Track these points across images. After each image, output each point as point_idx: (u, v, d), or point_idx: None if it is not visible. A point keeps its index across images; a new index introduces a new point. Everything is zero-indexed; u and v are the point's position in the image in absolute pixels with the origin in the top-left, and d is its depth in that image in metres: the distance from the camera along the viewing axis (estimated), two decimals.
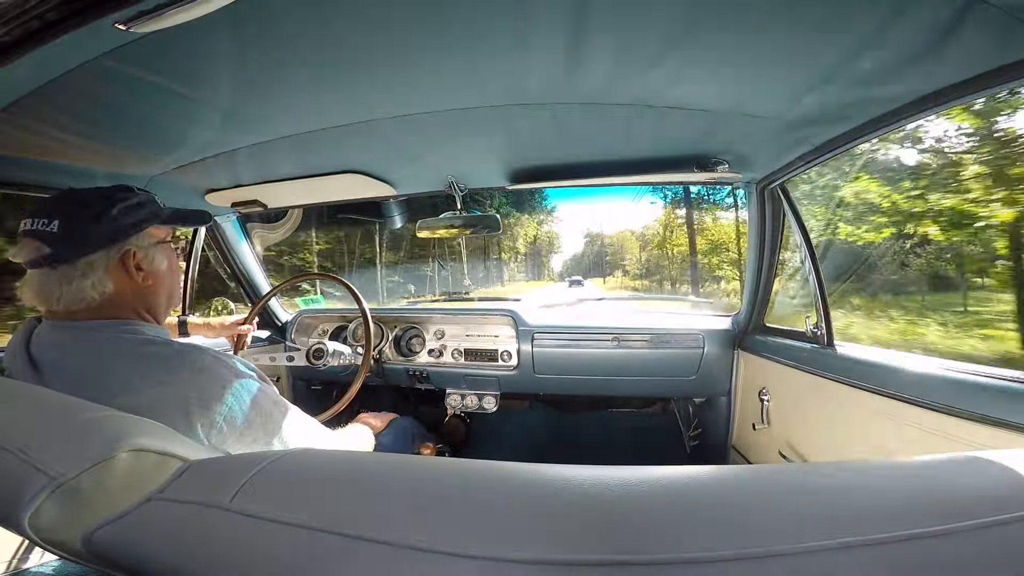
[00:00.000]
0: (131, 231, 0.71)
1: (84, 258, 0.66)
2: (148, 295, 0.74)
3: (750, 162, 1.24)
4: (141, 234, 0.72)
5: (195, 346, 0.69)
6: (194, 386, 0.64)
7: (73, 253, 0.66)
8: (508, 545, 0.25)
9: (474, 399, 1.83)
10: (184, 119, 0.94)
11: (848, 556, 0.24)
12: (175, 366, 0.64)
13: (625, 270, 9.92)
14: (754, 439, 1.52)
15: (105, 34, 0.58)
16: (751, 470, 0.32)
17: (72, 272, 0.66)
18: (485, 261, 9.54)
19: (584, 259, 10.54)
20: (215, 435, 0.64)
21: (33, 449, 0.40)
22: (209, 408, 0.63)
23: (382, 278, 8.17)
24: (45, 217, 0.65)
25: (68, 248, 0.66)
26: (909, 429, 0.87)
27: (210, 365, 0.66)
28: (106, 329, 0.68)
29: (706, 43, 0.71)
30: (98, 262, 0.68)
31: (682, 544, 0.25)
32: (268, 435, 0.70)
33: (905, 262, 2.48)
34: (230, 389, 0.66)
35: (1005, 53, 0.65)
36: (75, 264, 0.66)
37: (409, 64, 0.78)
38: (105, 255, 0.68)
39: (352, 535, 0.27)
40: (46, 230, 0.65)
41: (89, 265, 0.67)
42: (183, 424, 0.61)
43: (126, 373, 0.63)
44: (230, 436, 0.65)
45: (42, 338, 0.67)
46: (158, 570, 0.30)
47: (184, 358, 0.66)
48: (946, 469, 0.31)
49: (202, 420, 0.63)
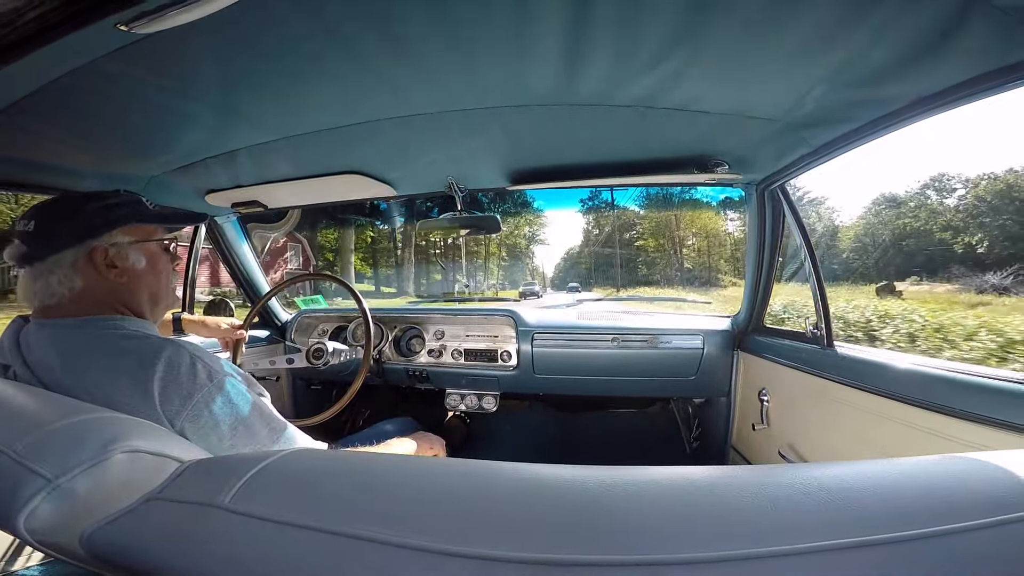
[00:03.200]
0: (101, 229, 0.72)
1: (53, 255, 0.69)
2: (124, 292, 0.74)
3: (750, 163, 1.24)
4: (114, 232, 0.73)
5: (173, 342, 0.68)
6: (164, 382, 0.63)
7: (43, 251, 0.69)
8: (507, 545, 0.25)
9: (474, 399, 1.83)
10: (184, 119, 0.94)
11: (848, 556, 0.24)
12: (150, 361, 0.64)
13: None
14: (754, 439, 1.52)
15: (106, 35, 0.58)
16: (751, 470, 0.32)
17: (42, 269, 0.69)
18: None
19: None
20: (190, 434, 0.63)
21: (27, 450, 0.40)
22: (181, 406, 0.63)
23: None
24: (27, 218, 0.69)
25: (38, 246, 0.69)
26: (909, 429, 0.87)
27: (186, 362, 0.65)
28: (87, 325, 0.68)
29: (706, 45, 0.71)
30: (65, 259, 0.69)
31: (682, 544, 0.25)
32: (250, 440, 0.68)
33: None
34: (205, 389, 0.65)
35: (1006, 54, 0.65)
36: (45, 261, 0.69)
37: (409, 65, 0.78)
38: (73, 252, 0.70)
39: (350, 535, 0.27)
40: (24, 230, 0.69)
41: (56, 262, 0.69)
42: (155, 420, 0.60)
43: (103, 368, 0.63)
44: (207, 438, 0.64)
45: (29, 337, 0.68)
46: (156, 571, 0.30)
47: (160, 353, 0.65)
48: (946, 469, 0.31)
49: (171, 417, 0.62)
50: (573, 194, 2.14)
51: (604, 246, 9.70)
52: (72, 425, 0.44)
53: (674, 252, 8.37)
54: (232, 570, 0.27)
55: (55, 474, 0.38)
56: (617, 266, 9.53)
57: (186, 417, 0.63)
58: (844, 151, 1.03)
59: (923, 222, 10.84)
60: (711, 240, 7.02)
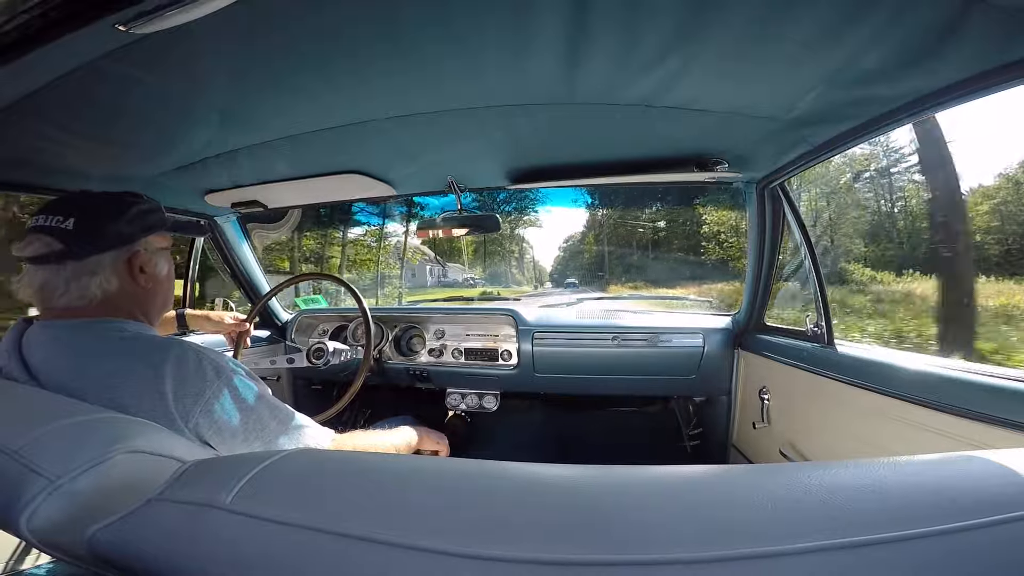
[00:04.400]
0: (140, 235, 0.73)
1: (95, 256, 0.68)
2: (146, 298, 0.75)
3: (750, 162, 1.24)
4: (149, 239, 0.74)
5: (178, 340, 0.68)
6: (176, 380, 0.63)
7: (86, 250, 0.67)
8: (508, 544, 0.25)
9: (474, 398, 1.84)
10: (184, 119, 0.94)
11: (848, 556, 0.24)
12: (157, 360, 0.64)
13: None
14: (754, 438, 1.52)
15: (105, 35, 0.58)
16: (751, 469, 0.32)
17: (81, 269, 0.67)
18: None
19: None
20: (204, 431, 0.64)
21: (30, 451, 0.40)
22: (193, 403, 0.63)
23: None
24: (61, 214, 0.66)
25: (81, 245, 0.67)
26: (909, 428, 0.87)
27: (192, 359, 0.66)
28: (94, 326, 0.68)
29: (706, 43, 0.71)
30: (107, 261, 0.69)
31: (682, 543, 0.25)
32: (260, 432, 0.69)
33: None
34: (214, 385, 0.65)
35: (1005, 53, 0.65)
36: (85, 261, 0.67)
37: (409, 64, 0.78)
38: (114, 255, 0.70)
39: (351, 535, 0.27)
40: (61, 227, 0.66)
41: (99, 263, 0.68)
42: (166, 419, 0.61)
43: (109, 367, 0.63)
44: (221, 432, 0.65)
45: (31, 339, 0.67)
46: (158, 571, 0.30)
47: (167, 352, 0.65)
48: (946, 469, 0.31)
49: (185, 415, 0.62)
50: (573, 192, 2.14)
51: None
52: (74, 426, 0.44)
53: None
54: (234, 570, 0.27)
55: (57, 474, 0.38)
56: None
57: (200, 412, 0.63)
58: (844, 148, 1.03)
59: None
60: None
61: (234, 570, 0.27)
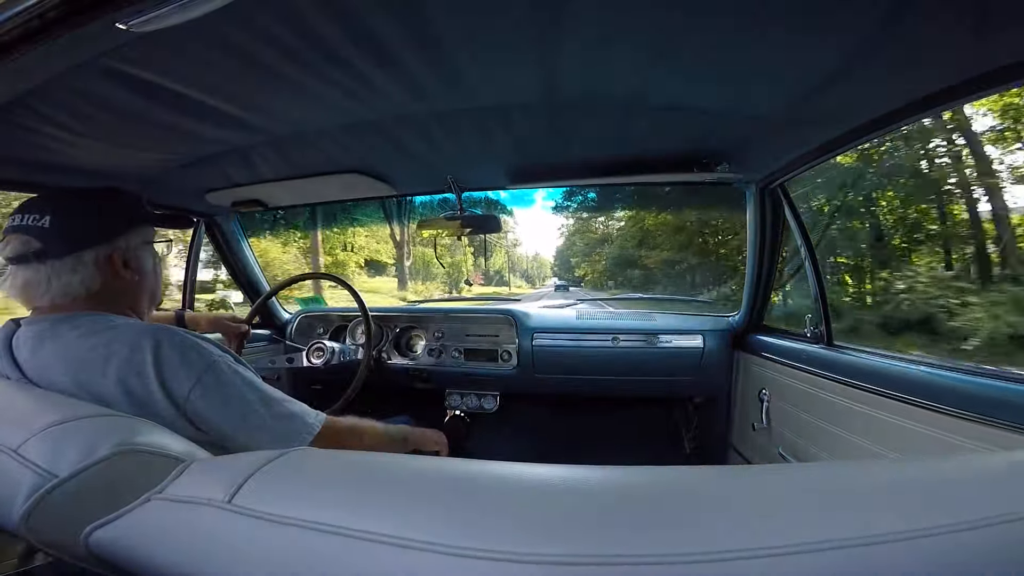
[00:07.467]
0: (120, 230, 0.72)
1: (74, 254, 0.68)
2: (133, 293, 0.76)
3: (750, 162, 1.24)
4: (130, 233, 0.74)
5: (164, 326, 0.68)
6: (160, 363, 0.62)
7: (64, 248, 0.67)
8: (508, 544, 0.25)
9: (474, 399, 1.84)
10: (184, 118, 0.94)
11: (847, 556, 0.24)
12: (141, 343, 0.63)
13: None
14: (754, 439, 1.52)
15: (105, 33, 0.58)
16: (750, 470, 0.32)
17: (61, 267, 0.67)
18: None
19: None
20: (191, 412, 0.63)
21: (27, 449, 0.40)
22: (179, 386, 0.63)
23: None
24: (36, 213, 0.66)
25: (58, 243, 0.67)
26: (909, 429, 0.87)
27: (177, 343, 0.65)
28: (78, 318, 0.67)
29: (705, 43, 0.71)
30: (87, 258, 0.69)
31: (682, 544, 0.25)
32: (249, 414, 0.67)
33: None
34: (199, 367, 0.65)
35: (1006, 53, 0.65)
36: (64, 260, 0.67)
37: (409, 64, 0.78)
38: (94, 252, 0.69)
39: (352, 535, 0.27)
40: (37, 225, 0.66)
41: (78, 260, 0.68)
42: (150, 401, 0.60)
43: (96, 357, 0.63)
44: (208, 414, 0.64)
45: (20, 339, 0.66)
46: (157, 570, 0.30)
47: (151, 335, 0.64)
48: (947, 469, 0.31)
49: (170, 396, 0.62)
50: (572, 192, 2.14)
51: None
52: (73, 424, 0.44)
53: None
54: (234, 569, 0.27)
55: (56, 473, 0.38)
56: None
57: (189, 394, 0.63)
58: (845, 148, 1.03)
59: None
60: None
61: (234, 569, 0.27)
